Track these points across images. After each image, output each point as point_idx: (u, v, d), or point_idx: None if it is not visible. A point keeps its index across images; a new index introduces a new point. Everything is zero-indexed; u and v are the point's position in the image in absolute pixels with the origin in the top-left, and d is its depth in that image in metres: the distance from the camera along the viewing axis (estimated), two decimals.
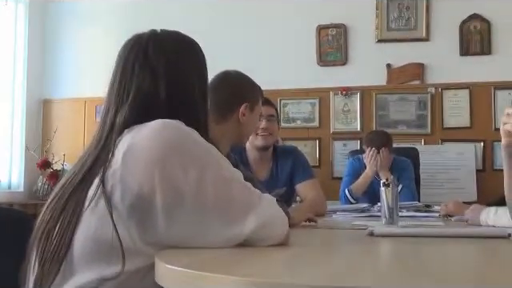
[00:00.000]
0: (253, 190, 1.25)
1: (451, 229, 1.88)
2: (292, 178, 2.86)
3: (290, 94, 4.92)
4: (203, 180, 1.17)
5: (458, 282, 0.92)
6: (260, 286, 0.87)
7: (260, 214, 1.21)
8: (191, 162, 1.18)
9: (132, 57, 1.34)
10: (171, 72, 1.33)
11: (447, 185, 4.54)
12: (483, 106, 4.64)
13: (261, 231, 1.21)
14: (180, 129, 1.22)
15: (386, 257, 1.36)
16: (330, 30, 4.95)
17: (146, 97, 1.30)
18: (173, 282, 1.01)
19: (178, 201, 1.16)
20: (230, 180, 1.22)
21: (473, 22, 4.71)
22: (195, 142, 1.22)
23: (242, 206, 1.21)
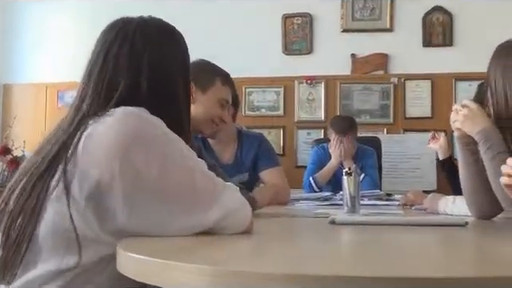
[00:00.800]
0: (216, 179, 1.25)
1: (411, 217, 1.92)
2: (256, 164, 2.86)
3: (255, 82, 4.92)
4: (166, 169, 1.17)
5: (415, 270, 0.95)
6: (223, 274, 0.88)
7: (223, 204, 1.21)
8: (154, 150, 1.17)
9: (117, 44, 1.30)
10: (155, 63, 1.31)
11: (408, 174, 4.62)
12: (444, 96, 4.72)
13: (224, 221, 1.22)
14: (143, 117, 1.21)
15: (347, 245, 1.39)
16: (295, 19, 4.96)
17: (127, 87, 1.27)
18: (135, 271, 1.01)
19: (140, 190, 1.15)
20: (193, 170, 1.21)
21: (435, 14, 4.78)
22: (158, 131, 1.21)
23: (206, 196, 1.21)
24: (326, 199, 2.81)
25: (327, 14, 4.92)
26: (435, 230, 1.54)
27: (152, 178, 1.16)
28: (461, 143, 1.78)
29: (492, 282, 0.82)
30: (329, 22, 4.91)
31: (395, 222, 1.64)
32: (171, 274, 0.92)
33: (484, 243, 1.41)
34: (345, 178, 2.00)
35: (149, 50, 1.30)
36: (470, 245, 1.40)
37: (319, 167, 3.92)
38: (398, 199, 2.68)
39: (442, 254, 1.21)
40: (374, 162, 3.97)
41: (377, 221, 1.67)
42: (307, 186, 3.83)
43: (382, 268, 0.96)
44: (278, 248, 1.20)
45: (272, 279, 0.84)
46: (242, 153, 2.86)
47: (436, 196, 2.19)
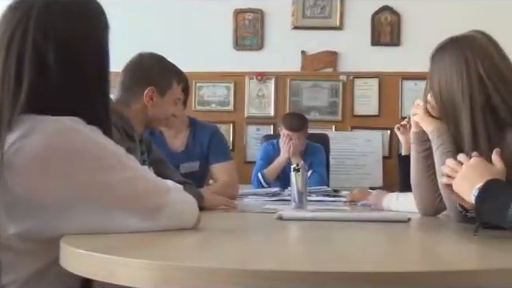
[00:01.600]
0: (160, 184, 1.23)
1: (356, 213, 1.95)
2: (208, 156, 2.85)
3: (205, 76, 4.90)
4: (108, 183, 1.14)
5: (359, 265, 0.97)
6: (168, 269, 0.88)
7: (170, 209, 1.21)
8: (92, 165, 1.12)
9: (18, 35, 1.14)
10: (62, 51, 1.15)
11: (355, 170, 4.70)
12: (391, 95, 4.81)
13: (172, 224, 1.22)
14: (79, 131, 1.13)
15: (293, 240, 1.41)
16: (246, 15, 4.96)
17: (37, 85, 1.12)
18: (80, 266, 1.00)
19: (83, 204, 1.11)
20: (134, 179, 1.18)
21: (384, 14, 4.86)
22: (95, 145, 1.14)
23: (150, 205, 1.19)
24: (274, 195, 2.84)
25: (278, 10, 4.94)
26: (379, 226, 1.58)
27: (95, 190, 1.12)
28: (416, 138, 1.82)
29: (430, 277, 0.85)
30: (280, 19, 4.94)
31: (341, 218, 1.67)
32: (117, 270, 0.92)
33: (425, 239, 1.45)
34: (293, 174, 2.03)
35: (54, 35, 1.14)
36: (412, 240, 1.44)
37: (268, 163, 3.95)
38: (344, 195, 2.73)
39: (384, 250, 1.24)
40: (322, 158, 4.03)
41: (323, 217, 1.70)
42: (256, 181, 3.85)
43: (327, 263, 0.98)
44: (224, 243, 1.21)
45: (218, 274, 0.84)
46: (195, 141, 2.85)
47: (381, 193, 2.24)
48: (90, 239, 1.11)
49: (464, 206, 1.44)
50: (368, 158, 4.71)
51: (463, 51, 1.62)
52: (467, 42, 1.64)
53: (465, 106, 1.58)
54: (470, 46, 1.63)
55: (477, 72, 1.57)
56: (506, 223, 1.17)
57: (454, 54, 1.63)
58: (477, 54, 1.59)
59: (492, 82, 1.56)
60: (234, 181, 2.79)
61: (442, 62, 1.66)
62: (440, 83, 1.65)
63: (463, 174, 1.36)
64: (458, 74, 1.60)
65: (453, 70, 1.62)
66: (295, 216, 1.69)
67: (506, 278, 0.88)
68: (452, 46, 1.67)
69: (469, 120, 1.56)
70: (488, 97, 1.56)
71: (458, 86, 1.60)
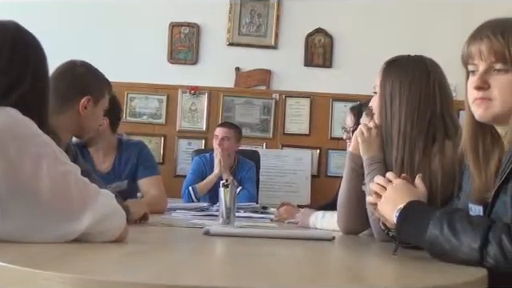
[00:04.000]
0: (90, 185, 1.24)
1: (283, 231, 1.98)
2: (135, 172, 2.83)
3: (137, 88, 4.85)
4: (39, 171, 1.15)
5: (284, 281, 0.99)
6: (89, 283, 0.86)
7: (96, 209, 1.20)
8: (27, 149, 1.15)
9: None
10: (10, 60, 1.28)
11: (284, 188, 4.75)
12: (322, 115, 4.91)
13: (97, 226, 1.20)
14: (15, 116, 1.18)
15: (219, 256, 1.41)
16: (182, 29, 4.96)
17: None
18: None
19: (13, 188, 1.12)
20: (66, 174, 1.19)
21: (317, 36, 4.98)
22: (31, 131, 1.19)
23: (79, 201, 1.19)
24: (202, 210, 2.83)
25: (214, 26, 4.96)
26: (305, 244, 1.60)
27: (25, 177, 1.13)
28: (351, 159, 1.86)
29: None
30: (215, 35, 4.96)
31: (267, 235, 1.69)
32: (35, 283, 0.89)
33: (346, 257, 1.49)
34: (222, 190, 2.03)
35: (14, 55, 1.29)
36: (334, 258, 1.48)
37: (199, 177, 3.96)
38: (273, 212, 2.76)
39: (309, 266, 1.26)
40: (253, 175, 4.07)
41: (250, 233, 1.71)
42: (186, 195, 3.84)
43: (251, 279, 0.98)
44: (149, 258, 1.20)
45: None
46: (121, 161, 2.82)
47: (307, 211, 2.28)
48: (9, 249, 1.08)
49: (387, 225, 1.49)
50: (297, 175, 4.78)
51: (426, 71, 1.72)
52: (427, 64, 1.74)
53: (410, 121, 1.68)
54: (430, 68, 1.73)
55: (434, 92, 1.70)
56: (424, 244, 1.21)
57: (416, 73, 1.72)
58: (436, 76, 1.72)
59: (443, 100, 1.70)
60: (161, 195, 2.77)
61: (399, 78, 1.73)
62: (392, 98, 1.71)
63: (387, 195, 1.40)
64: (415, 93, 1.69)
65: (412, 87, 1.70)
66: (222, 231, 1.69)
67: None
68: (413, 65, 1.74)
69: (411, 136, 1.67)
70: (433, 115, 1.68)
71: (411, 103, 1.69)
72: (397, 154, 1.69)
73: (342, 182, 1.89)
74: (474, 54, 1.29)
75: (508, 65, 1.25)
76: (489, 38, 1.26)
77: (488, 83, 1.27)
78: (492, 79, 1.27)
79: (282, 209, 2.59)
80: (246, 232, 1.73)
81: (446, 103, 1.71)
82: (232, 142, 4.01)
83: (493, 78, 1.27)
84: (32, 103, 1.27)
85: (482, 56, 1.27)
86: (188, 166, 4.40)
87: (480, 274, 1.06)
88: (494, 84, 1.27)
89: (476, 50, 1.28)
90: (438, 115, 1.69)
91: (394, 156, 1.69)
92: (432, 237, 1.19)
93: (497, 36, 1.25)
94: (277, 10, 4.95)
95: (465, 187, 1.42)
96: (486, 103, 1.28)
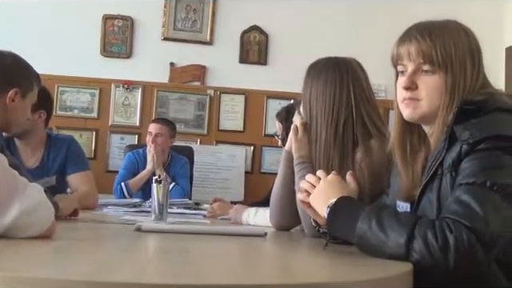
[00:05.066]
0: (18, 177, 1.21)
1: (215, 227, 1.98)
2: (64, 168, 2.76)
3: (69, 81, 4.73)
4: None
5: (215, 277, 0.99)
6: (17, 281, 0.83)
7: (24, 201, 1.17)
8: None
9: None
10: None
11: (218, 184, 4.75)
12: (256, 112, 4.94)
13: (23, 219, 1.16)
14: None
15: (151, 252, 1.40)
16: (116, 21, 4.87)
17: None
18: None
19: None
20: None
21: (253, 33, 5.00)
22: None
23: (5, 193, 1.15)
24: (135, 206, 2.79)
25: (149, 20, 4.90)
26: (237, 240, 1.61)
27: None
28: (285, 156, 1.89)
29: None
30: (150, 29, 4.90)
31: (200, 231, 1.69)
32: None
33: (278, 253, 1.51)
34: (154, 186, 2.01)
35: None
36: (266, 254, 1.49)
37: (131, 173, 3.91)
38: (206, 209, 2.76)
39: (238, 263, 1.27)
40: (186, 171, 4.05)
41: (182, 229, 1.70)
42: (118, 191, 3.78)
43: (181, 276, 0.98)
44: (78, 254, 1.17)
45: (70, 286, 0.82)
46: (49, 157, 2.74)
47: (240, 207, 2.29)
48: None
49: (317, 221, 1.51)
50: (231, 172, 4.79)
51: (340, 73, 1.76)
52: (343, 66, 1.77)
53: (325, 123, 1.71)
54: (345, 70, 1.76)
55: (348, 94, 1.74)
56: (353, 239, 1.24)
57: (329, 75, 1.76)
58: (350, 78, 1.76)
59: (359, 102, 1.75)
60: (92, 190, 2.72)
61: (316, 81, 1.77)
62: (311, 101, 1.76)
63: (319, 189, 1.43)
64: (329, 95, 1.73)
65: (326, 90, 1.74)
66: (154, 228, 1.68)
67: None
68: (329, 67, 1.78)
69: (327, 137, 1.70)
70: (350, 116, 1.74)
71: (325, 105, 1.74)
72: (318, 156, 1.74)
73: (276, 179, 1.91)
74: (402, 54, 1.33)
75: (435, 66, 1.29)
76: (417, 40, 1.31)
77: (416, 84, 1.32)
78: (420, 80, 1.31)
79: (215, 204, 2.60)
80: (179, 228, 1.72)
81: (363, 104, 1.76)
82: (165, 138, 3.98)
83: (421, 78, 1.31)
84: None
85: (410, 57, 1.32)
86: (120, 161, 4.33)
87: (406, 268, 1.10)
88: (422, 85, 1.31)
89: (405, 51, 1.32)
90: (356, 117, 1.74)
91: (316, 159, 1.74)
92: (361, 232, 1.22)
93: (425, 38, 1.30)
94: (212, 6, 4.94)
95: (393, 184, 1.46)
96: (414, 103, 1.32)
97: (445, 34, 1.31)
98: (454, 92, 1.29)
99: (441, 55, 1.29)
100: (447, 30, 1.32)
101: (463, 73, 1.29)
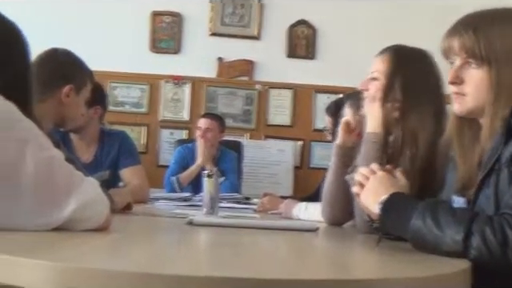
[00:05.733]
0: (74, 171, 1.23)
1: (266, 221, 1.98)
2: (117, 162, 2.81)
3: (120, 77, 4.81)
4: (23, 156, 1.13)
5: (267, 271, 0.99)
6: (70, 271, 0.85)
7: (81, 195, 1.19)
8: (10, 134, 1.14)
9: None
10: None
11: (267, 179, 4.75)
12: (304, 107, 4.92)
13: (80, 213, 1.19)
14: (6, 102, 1.17)
15: (203, 246, 1.41)
16: (165, 17, 4.92)
17: None
18: None
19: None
20: (51, 160, 1.18)
21: (300, 27, 4.97)
22: (15, 116, 1.18)
23: (63, 187, 1.18)
24: (185, 200, 2.82)
25: (197, 15, 4.93)
26: (288, 234, 1.60)
27: (9, 163, 1.12)
28: (336, 151, 1.87)
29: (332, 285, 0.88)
30: (198, 24, 4.93)
31: (251, 225, 1.69)
32: (17, 271, 0.88)
33: (330, 248, 1.49)
34: (205, 180, 2.03)
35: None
36: (318, 249, 1.48)
37: (182, 167, 3.95)
38: (255, 203, 2.76)
39: (293, 257, 1.26)
40: (236, 165, 4.07)
41: (233, 223, 1.71)
42: (168, 185, 3.83)
43: (235, 269, 0.98)
44: (132, 247, 1.19)
45: (125, 278, 0.83)
46: (103, 152, 2.80)
47: (291, 202, 2.28)
48: None
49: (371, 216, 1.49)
50: (279, 167, 4.79)
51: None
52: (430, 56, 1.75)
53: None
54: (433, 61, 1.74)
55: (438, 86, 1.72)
56: (407, 235, 1.22)
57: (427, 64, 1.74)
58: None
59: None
60: (144, 184, 2.76)
61: (408, 68, 1.73)
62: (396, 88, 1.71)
63: (369, 186, 1.41)
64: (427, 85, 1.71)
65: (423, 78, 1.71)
66: (206, 221, 1.69)
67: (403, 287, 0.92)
68: (419, 58, 1.76)
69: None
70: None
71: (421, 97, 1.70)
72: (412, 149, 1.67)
73: (327, 174, 1.90)
74: (448, 49, 1.31)
75: (479, 61, 1.26)
76: (460, 34, 1.28)
77: (461, 78, 1.28)
78: (466, 74, 1.28)
79: (265, 199, 2.59)
80: (230, 222, 1.73)
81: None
82: (215, 133, 4.00)
83: (467, 73, 1.28)
84: (15, 89, 1.26)
85: (455, 51, 1.29)
86: (170, 155, 4.39)
87: (463, 265, 1.07)
88: (467, 79, 1.28)
89: (449, 45, 1.30)
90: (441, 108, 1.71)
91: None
92: (415, 228, 1.19)
93: (468, 32, 1.27)
94: (259, 1, 4.93)
95: (448, 180, 1.43)
96: (460, 98, 1.30)
97: (491, 27, 1.26)
98: (501, 87, 1.25)
99: (484, 50, 1.24)
100: (496, 22, 1.28)
101: (510, 66, 1.25)
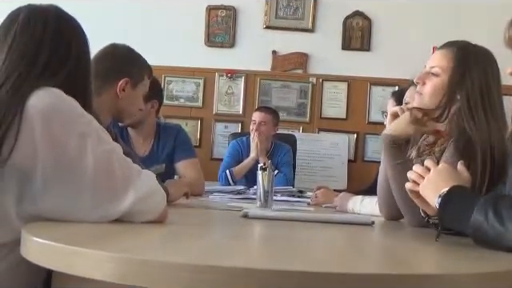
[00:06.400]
0: (132, 164, 1.26)
1: (321, 214, 1.96)
2: (173, 156, 2.85)
3: (175, 71, 4.87)
4: (83, 150, 1.17)
5: (322, 265, 0.98)
6: (129, 262, 0.86)
7: (138, 188, 1.21)
8: (71, 127, 1.17)
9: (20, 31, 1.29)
10: (53, 42, 1.30)
11: (321, 172, 4.72)
12: (359, 99, 4.86)
13: (138, 205, 1.21)
14: (60, 97, 1.21)
15: (258, 238, 1.41)
16: (219, 12, 4.95)
17: (28, 62, 1.26)
18: (41, 257, 0.98)
19: (58, 168, 1.14)
20: (110, 153, 1.21)
21: (356, 19, 4.91)
22: (75, 110, 1.21)
23: (121, 180, 1.20)
24: (239, 193, 2.83)
25: (251, 9, 4.93)
26: (343, 228, 1.59)
27: (70, 156, 1.15)
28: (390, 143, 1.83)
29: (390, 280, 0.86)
30: (252, 17, 4.94)
31: (305, 219, 1.68)
32: (76, 261, 0.90)
33: (387, 242, 1.47)
34: (259, 173, 2.03)
35: (49, 32, 1.30)
36: (376, 243, 1.46)
37: (236, 161, 3.97)
38: (309, 196, 2.74)
39: (349, 251, 1.25)
40: (289, 159, 4.06)
41: (288, 216, 1.70)
42: (223, 178, 3.86)
43: (290, 262, 0.98)
44: (190, 239, 1.20)
45: (181, 269, 0.84)
46: (159, 146, 2.84)
47: (346, 195, 2.26)
48: (52, 228, 1.09)
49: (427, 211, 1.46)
50: (333, 160, 4.75)
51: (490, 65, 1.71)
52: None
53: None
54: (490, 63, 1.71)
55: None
56: (468, 230, 1.19)
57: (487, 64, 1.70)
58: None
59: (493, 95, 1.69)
60: (199, 177, 2.79)
61: (470, 66, 1.70)
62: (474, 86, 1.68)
63: (429, 179, 1.37)
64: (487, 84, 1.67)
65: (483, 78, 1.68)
66: (260, 215, 1.69)
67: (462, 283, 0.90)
68: (487, 57, 1.72)
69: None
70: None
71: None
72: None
73: (380, 169, 1.86)
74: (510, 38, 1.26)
75: None
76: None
77: None
78: None
79: (319, 192, 2.57)
80: (284, 215, 1.73)
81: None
82: (269, 126, 4.00)
83: None
84: (76, 84, 1.30)
85: None
86: (224, 149, 4.42)
87: None
88: None
89: None
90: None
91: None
92: (476, 223, 1.16)
93: None
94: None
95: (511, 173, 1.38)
96: None
97: None
98: None
99: None
100: None
101: None
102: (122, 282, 0.86)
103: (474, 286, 0.91)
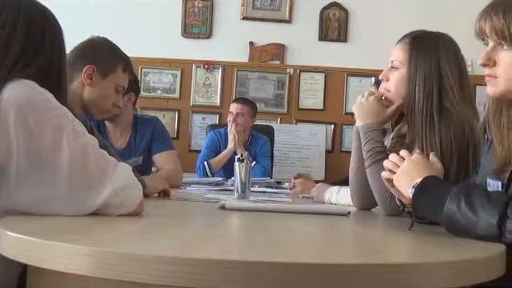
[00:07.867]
0: (108, 157, 1.25)
1: (298, 205, 1.97)
2: (150, 148, 2.84)
3: (151, 62, 4.84)
4: (59, 143, 1.16)
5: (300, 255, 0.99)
6: (106, 255, 0.86)
7: (114, 181, 1.21)
8: (46, 119, 1.16)
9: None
10: (26, 33, 1.28)
11: (298, 163, 4.75)
12: (336, 90, 4.88)
13: (114, 198, 1.21)
14: (33, 89, 1.20)
15: (235, 230, 1.41)
16: (196, 2, 4.92)
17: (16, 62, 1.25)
18: (15, 251, 0.97)
19: (32, 162, 1.14)
20: (85, 146, 1.20)
21: (332, 10, 4.92)
22: (50, 103, 1.20)
23: (97, 173, 1.20)
24: (217, 184, 2.84)
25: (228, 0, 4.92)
26: (320, 218, 1.60)
27: (45, 149, 1.15)
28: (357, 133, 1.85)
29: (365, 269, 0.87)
30: (229, 8, 4.92)
31: (283, 210, 1.69)
32: (53, 255, 0.90)
33: (362, 232, 1.49)
34: (236, 165, 2.03)
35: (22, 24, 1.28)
36: (352, 233, 1.47)
37: (213, 152, 3.97)
38: (287, 187, 2.75)
39: (325, 241, 1.26)
40: (267, 150, 4.08)
41: (265, 207, 1.71)
42: (200, 170, 3.86)
43: (267, 253, 0.99)
44: (166, 231, 1.20)
45: (159, 262, 0.84)
46: (136, 138, 2.83)
47: (322, 186, 2.27)
48: (27, 221, 1.09)
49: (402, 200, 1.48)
50: (311, 151, 4.77)
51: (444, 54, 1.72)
52: (451, 41, 1.76)
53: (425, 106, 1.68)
54: (454, 45, 1.75)
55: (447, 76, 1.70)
56: (441, 219, 1.21)
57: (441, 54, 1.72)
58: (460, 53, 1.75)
59: (452, 84, 1.70)
60: (177, 169, 2.78)
61: (421, 56, 1.71)
62: (418, 76, 1.70)
63: (403, 169, 1.39)
64: (433, 76, 1.70)
65: (432, 68, 1.70)
66: (238, 206, 1.70)
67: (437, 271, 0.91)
68: (436, 44, 1.74)
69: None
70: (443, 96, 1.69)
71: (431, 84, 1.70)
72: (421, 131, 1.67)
73: (351, 158, 1.87)
74: (480, 31, 1.29)
75: (509, 43, 1.23)
76: (490, 17, 1.26)
77: (493, 60, 1.27)
78: (498, 57, 1.27)
79: (298, 181, 2.58)
80: (262, 206, 1.73)
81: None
82: (246, 117, 4.01)
83: (499, 55, 1.26)
84: (49, 75, 1.28)
85: (487, 34, 1.27)
86: (202, 140, 4.41)
87: (498, 249, 1.05)
88: (500, 62, 1.26)
89: (481, 28, 1.29)
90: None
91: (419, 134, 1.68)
92: (449, 212, 1.18)
93: (498, 14, 1.25)
94: None
95: (484, 163, 1.40)
96: (492, 80, 1.28)
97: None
98: None
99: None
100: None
101: None
102: (98, 275, 0.86)
103: (448, 274, 0.93)
